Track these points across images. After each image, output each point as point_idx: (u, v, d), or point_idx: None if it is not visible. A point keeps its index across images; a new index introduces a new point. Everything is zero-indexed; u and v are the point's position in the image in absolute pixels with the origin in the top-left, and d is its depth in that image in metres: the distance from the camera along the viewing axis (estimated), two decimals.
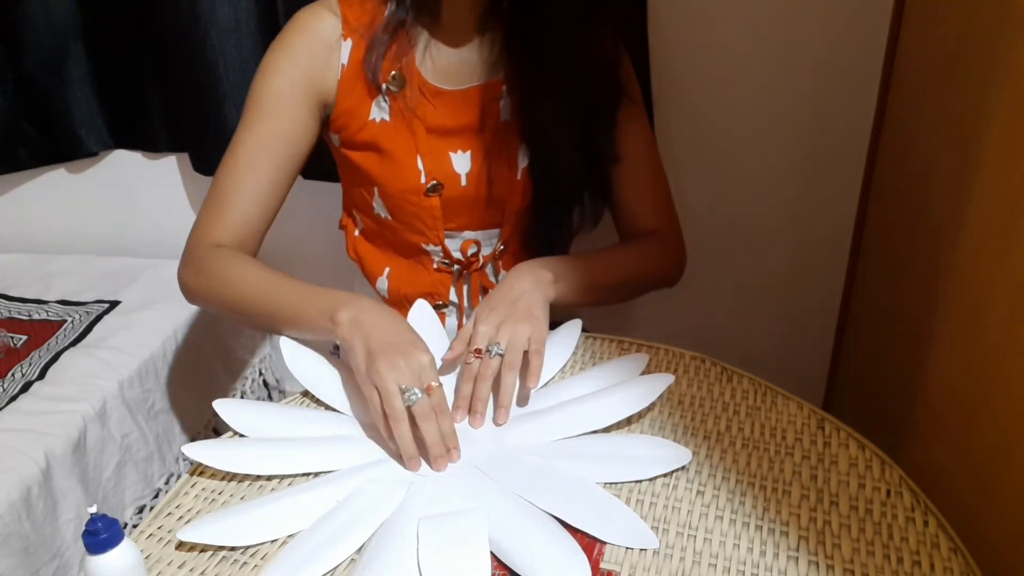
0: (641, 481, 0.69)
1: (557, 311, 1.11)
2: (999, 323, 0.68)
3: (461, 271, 0.98)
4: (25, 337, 1.24)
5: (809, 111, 1.19)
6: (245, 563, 0.63)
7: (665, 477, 0.70)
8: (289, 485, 0.71)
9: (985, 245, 0.73)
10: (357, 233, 1.02)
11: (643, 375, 0.81)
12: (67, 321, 1.28)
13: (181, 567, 0.64)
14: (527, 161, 0.92)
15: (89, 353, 1.19)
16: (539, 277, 0.84)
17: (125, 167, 1.48)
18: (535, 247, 0.98)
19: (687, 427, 0.76)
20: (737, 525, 0.65)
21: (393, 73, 0.88)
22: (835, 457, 0.71)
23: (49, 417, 1.05)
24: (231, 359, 1.44)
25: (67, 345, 1.21)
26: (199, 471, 0.73)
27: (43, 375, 1.14)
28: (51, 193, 1.52)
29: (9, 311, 1.32)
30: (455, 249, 0.96)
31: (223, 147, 1.33)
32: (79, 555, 1.02)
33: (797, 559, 0.61)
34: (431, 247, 0.96)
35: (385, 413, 0.71)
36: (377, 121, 0.90)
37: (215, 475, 0.73)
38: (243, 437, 0.76)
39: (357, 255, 1.02)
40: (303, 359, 0.83)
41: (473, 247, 0.96)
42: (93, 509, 0.56)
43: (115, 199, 1.52)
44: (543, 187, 0.93)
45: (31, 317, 1.30)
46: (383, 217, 0.95)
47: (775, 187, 1.26)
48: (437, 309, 0.99)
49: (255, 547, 0.65)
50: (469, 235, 0.96)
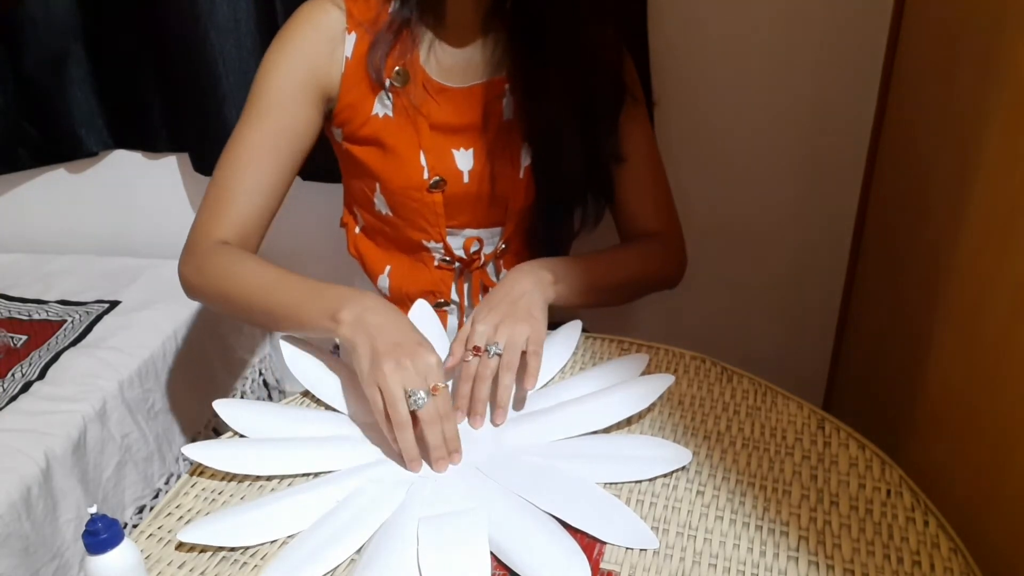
0: (641, 481, 0.69)
1: (557, 312, 1.11)
2: (999, 323, 0.68)
3: (462, 269, 0.98)
4: (25, 337, 1.24)
5: (809, 111, 1.19)
6: (245, 563, 0.63)
7: (665, 477, 0.70)
8: (289, 485, 0.71)
9: (985, 245, 0.73)
10: (358, 231, 1.02)
11: (643, 375, 0.81)
12: (67, 321, 1.28)
13: (181, 567, 0.64)
14: (530, 160, 0.92)
15: (89, 353, 1.19)
16: (539, 278, 0.84)
17: (125, 167, 1.48)
18: (537, 246, 0.98)
19: (687, 427, 0.76)
20: (737, 525, 0.65)
21: (397, 69, 0.88)
22: (835, 457, 0.71)
23: (49, 417, 1.05)
24: (231, 359, 1.43)
25: (67, 345, 1.21)
26: (199, 471, 0.73)
27: (43, 375, 1.14)
28: (51, 193, 1.52)
29: (9, 311, 1.32)
30: (457, 247, 0.96)
31: (222, 147, 1.33)
32: (79, 555, 1.02)
33: (797, 559, 0.61)
34: (432, 244, 0.95)
35: (388, 416, 0.71)
36: (380, 116, 0.90)
37: (215, 475, 0.73)
38: (243, 437, 0.76)
39: (358, 252, 1.02)
40: (303, 359, 0.83)
41: (475, 245, 0.96)
42: (93, 509, 0.56)
43: (115, 199, 1.52)
44: (545, 186, 0.93)
45: (31, 317, 1.30)
46: (384, 214, 0.95)
47: (775, 187, 1.26)
48: (438, 307, 0.99)
49: (255, 547, 0.65)
50: (471, 233, 0.96)
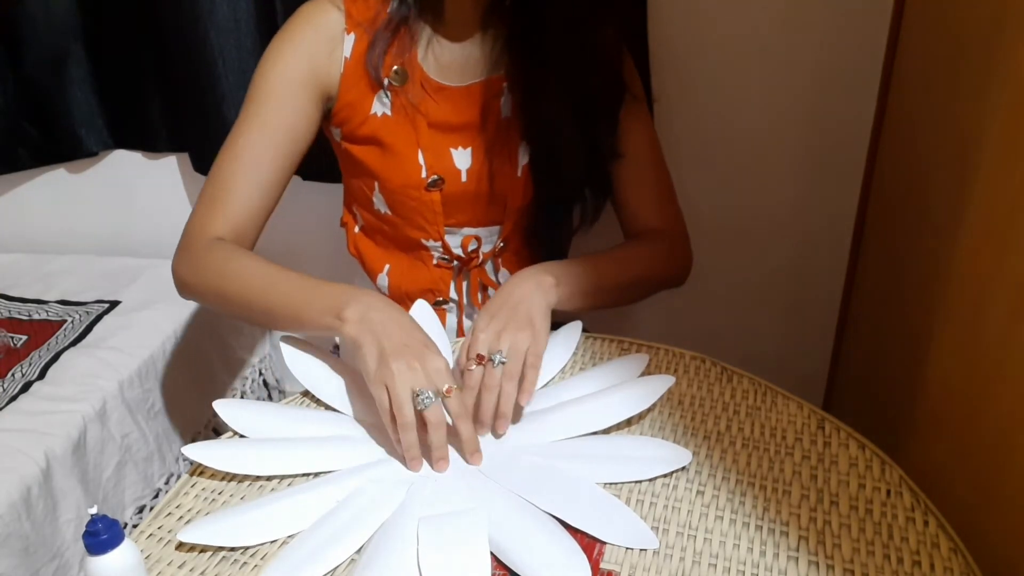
0: (641, 481, 0.69)
1: (558, 313, 1.11)
2: (999, 323, 0.68)
3: (461, 268, 0.98)
4: (25, 337, 1.24)
5: (809, 111, 1.19)
6: (245, 563, 0.63)
7: (665, 477, 0.70)
8: (289, 485, 0.71)
9: (985, 245, 0.73)
10: (357, 230, 1.02)
11: (644, 376, 0.81)
12: (67, 321, 1.28)
13: (181, 567, 0.64)
14: (528, 158, 0.92)
15: (89, 353, 1.19)
16: (540, 282, 0.83)
17: (125, 167, 1.48)
18: (536, 244, 0.98)
19: (687, 427, 0.76)
20: (737, 525, 0.65)
21: (395, 68, 0.88)
22: (835, 457, 0.71)
23: (49, 417, 1.05)
24: (231, 359, 1.43)
25: (67, 345, 1.21)
26: (199, 471, 0.73)
27: (43, 375, 1.14)
28: (51, 193, 1.52)
29: (9, 311, 1.32)
30: (455, 245, 0.96)
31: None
32: (79, 555, 1.02)
33: (797, 559, 0.61)
34: (431, 243, 0.96)
35: (394, 417, 0.70)
36: (379, 115, 0.90)
37: (215, 475, 0.73)
38: (243, 437, 0.76)
39: (357, 251, 1.02)
40: (303, 359, 0.83)
41: (473, 243, 0.96)
42: (93, 510, 0.56)
43: (115, 199, 1.52)
44: (544, 184, 0.93)
45: (31, 317, 1.30)
46: (383, 212, 0.95)
47: (775, 187, 1.26)
48: (437, 306, 0.99)
49: (255, 547, 0.65)
50: (469, 231, 0.96)
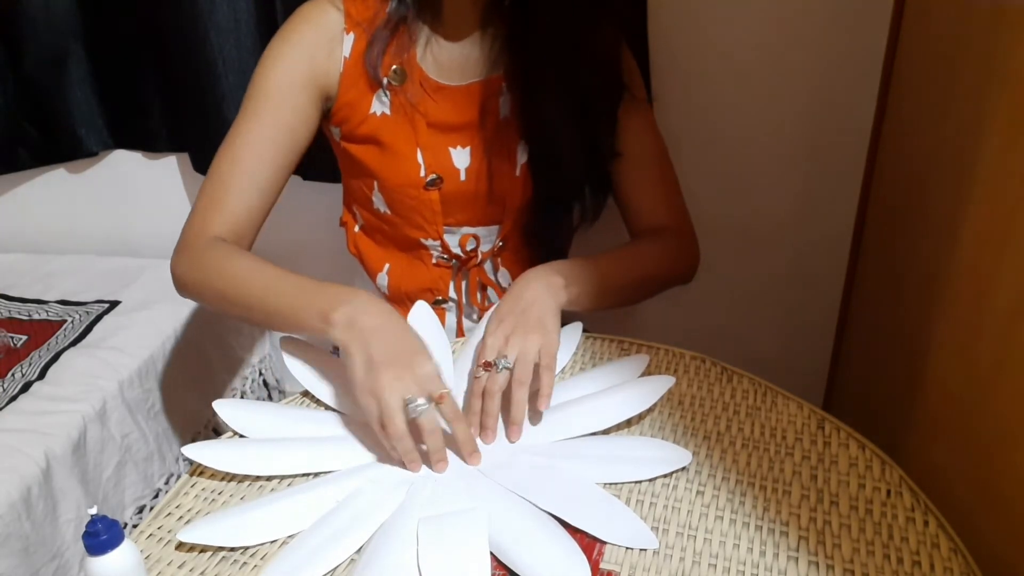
0: (641, 481, 0.69)
1: (561, 313, 1.11)
2: (999, 323, 0.68)
3: (460, 267, 0.98)
4: (25, 337, 1.24)
5: (809, 111, 1.19)
6: (245, 563, 0.63)
7: (665, 477, 0.70)
8: (289, 485, 0.71)
9: (985, 245, 0.73)
10: (357, 229, 1.02)
11: (645, 376, 0.81)
12: (67, 321, 1.28)
13: (181, 567, 0.64)
14: (526, 157, 0.92)
15: (89, 353, 1.19)
16: (549, 283, 0.82)
17: (125, 167, 1.48)
18: (535, 244, 0.98)
19: (687, 427, 0.76)
20: (737, 525, 0.65)
21: (394, 67, 0.89)
22: (835, 457, 0.71)
23: (49, 417, 1.05)
24: (231, 359, 1.43)
25: (67, 345, 1.21)
26: (199, 471, 0.73)
27: (43, 375, 1.14)
28: (51, 193, 1.52)
29: (9, 311, 1.32)
30: (454, 244, 0.96)
31: None
32: (79, 555, 1.02)
33: (797, 559, 0.61)
34: (430, 242, 0.96)
35: (384, 426, 0.69)
36: (378, 115, 0.90)
37: (215, 475, 0.73)
38: (243, 437, 0.76)
39: (357, 251, 1.02)
40: (303, 359, 0.83)
41: (472, 242, 0.96)
42: (93, 510, 0.56)
43: (115, 199, 1.52)
44: (543, 183, 0.93)
45: (31, 317, 1.30)
46: (383, 212, 0.95)
47: (775, 187, 1.26)
48: (436, 305, 0.99)
49: (255, 547, 0.65)
50: (468, 230, 0.96)
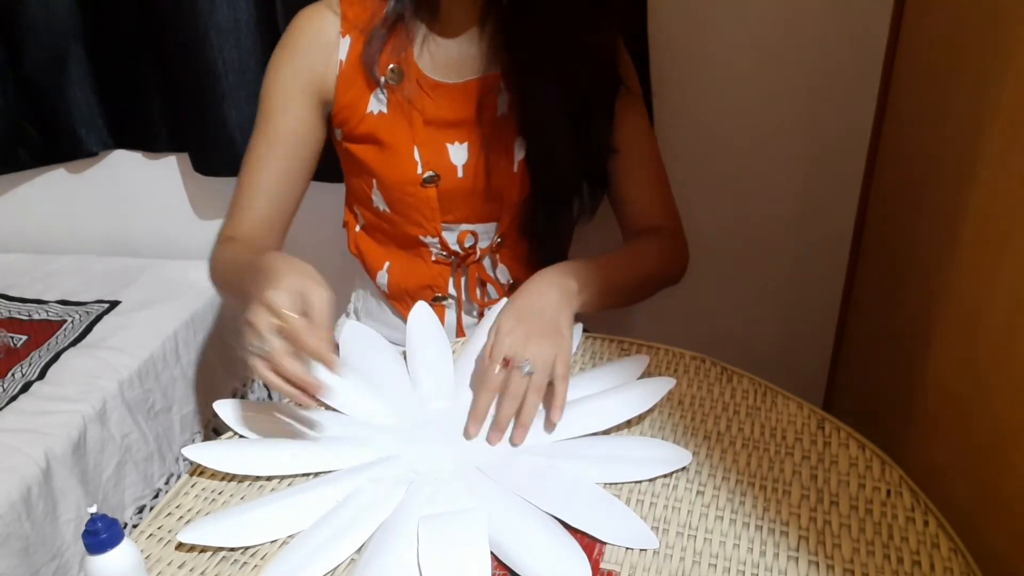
0: (641, 482, 0.69)
1: None
2: (999, 323, 0.68)
3: (458, 264, 0.98)
4: (25, 337, 1.24)
5: (809, 111, 1.19)
6: (245, 563, 0.63)
7: (665, 477, 0.70)
8: (289, 485, 0.71)
9: (985, 245, 0.73)
10: (358, 229, 1.03)
11: (645, 378, 0.81)
12: (67, 321, 1.28)
13: (181, 567, 0.64)
14: (524, 154, 0.92)
15: (89, 353, 1.19)
16: (565, 289, 0.81)
17: (125, 167, 1.48)
18: (534, 240, 0.99)
19: (687, 427, 0.76)
20: (737, 525, 0.65)
21: (392, 66, 0.89)
22: (835, 457, 0.71)
23: (49, 417, 1.05)
24: (231, 359, 1.43)
25: (67, 345, 1.21)
26: (199, 471, 0.73)
27: (43, 375, 1.14)
28: (51, 193, 1.52)
29: (9, 311, 1.32)
30: (453, 241, 0.96)
31: (223, 147, 1.33)
32: (79, 555, 1.02)
33: (797, 559, 0.61)
34: (429, 239, 0.96)
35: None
36: (375, 113, 0.91)
37: (215, 475, 0.73)
38: (243, 437, 0.76)
39: (358, 251, 1.03)
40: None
41: (470, 239, 0.96)
42: (93, 509, 0.56)
43: (115, 199, 1.52)
44: (541, 180, 0.93)
45: (31, 317, 1.30)
46: (382, 210, 0.95)
47: (775, 187, 1.26)
48: (436, 302, 0.99)
49: (255, 547, 0.65)
50: (466, 227, 0.96)
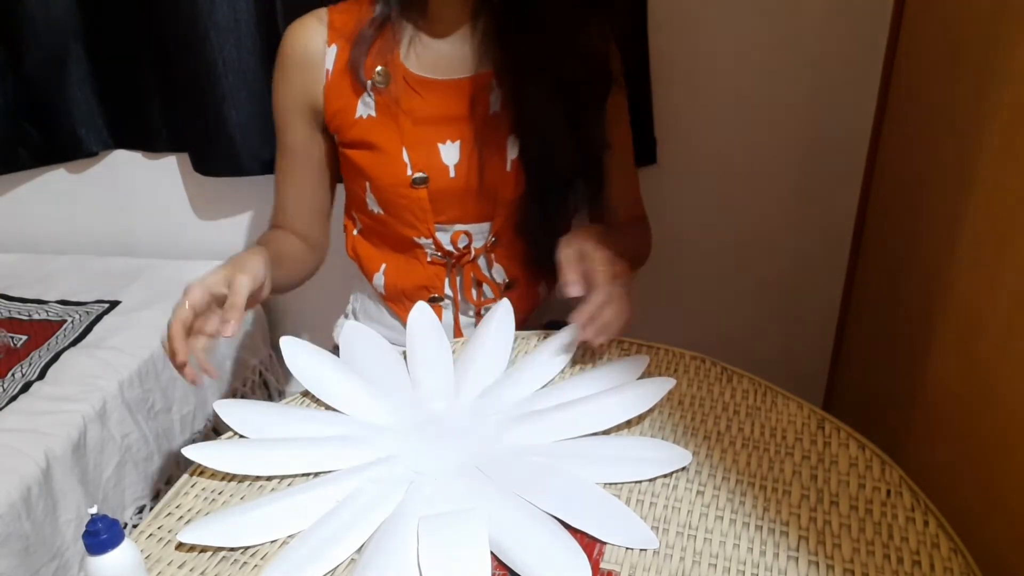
0: (641, 482, 0.69)
1: (558, 310, 1.11)
2: (999, 323, 0.68)
3: (453, 264, 0.98)
4: (25, 337, 1.24)
5: (809, 111, 1.19)
6: (245, 563, 0.63)
7: (665, 477, 0.70)
8: (289, 485, 0.71)
9: (985, 245, 0.73)
10: (356, 232, 1.03)
11: (645, 378, 0.81)
12: (67, 321, 1.28)
13: (181, 567, 0.64)
14: (517, 152, 0.92)
15: (89, 353, 1.19)
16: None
17: (125, 167, 1.47)
18: (529, 239, 0.99)
19: (687, 427, 0.76)
20: (737, 525, 0.65)
21: (378, 69, 0.90)
22: (835, 457, 0.71)
23: (49, 417, 1.05)
24: (231, 359, 1.43)
25: (67, 345, 1.21)
26: (199, 471, 0.73)
27: (43, 375, 1.14)
28: (51, 193, 1.52)
29: (9, 311, 1.32)
30: (446, 242, 0.97)
31: (223, 147, 1.33)
32: (79, 555, 1.02)
33: (797, 559, 0.61)
34: (423, 240, 0.96)
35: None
36: (365, 118, 0.92)
37: (215, 475, 0.73)
38: (243, 437, 0.76)
39: (356, 254, 1.03)
40: (303, 359, 0.83)
41: (463, 239, 0.96)
42: (93, 510, 0.56)
43: (115, 199, 1.52)
44: (534, 178, 0.93)
45: (31, 317, 1.30)
46: (376, 212, 0.96)
47: (775, 187, 1.26)
48: (433, 302, 0.99)
49: (255, 547, 0.65)
50: (460, 227, 0.96)
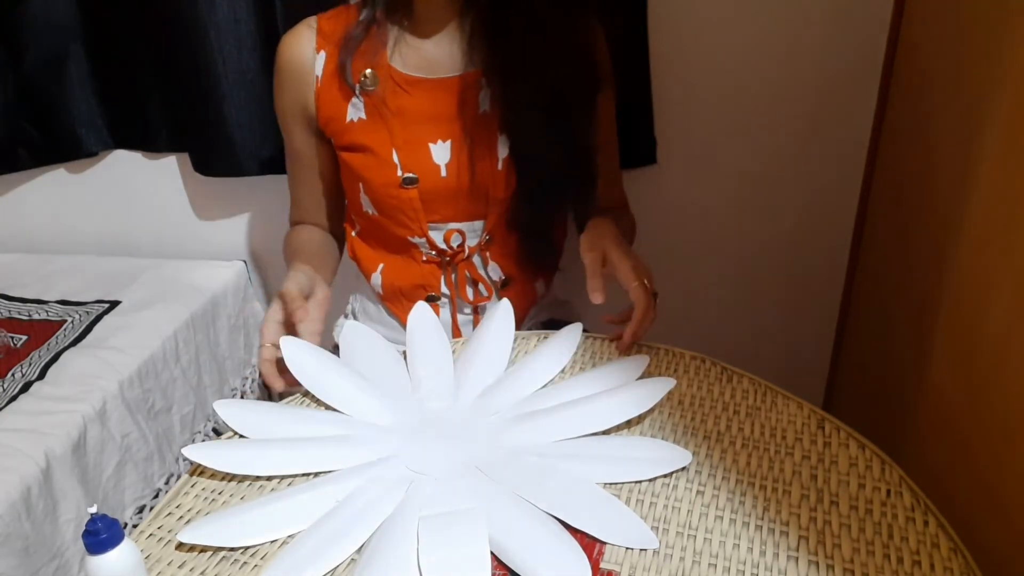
0: (641, 482, 0.69)
1: (556, 309, 1.11)
2: (999, 323, 0.68)
3: (448, 262, 0.98)
4: (25, 337, 1.24)
5: (809, 111, 1.19)
6: (245, 563, 0.63)
7: (665, 477, 0.70)
8: (289, 485, 0.71)
9: (985, 245, 0.73)
10: (354, 234, 1.04)
11: (645, 378, 0.81)
12: (67, 321, 1.28)
13: (181, 567, 0.64)
14: (508, 150, 0.92)
15: (89, 353, 1.19)
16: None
17: (125, 167, 1.47)
18: (523, 237, 0.99)
19: (687, 427, 0.76)
20: (737, 525, 0.65)
21: (366, 72, 0.91)
22: (835, 457, 0.71)
23: (49, 417, 1.05)
24: (231, 359, 1.43)
25: (67, 345, 1.21)
26: (199, 471, 0.73)
27: (43, 375, 1.14)
28: (51, 193, 1.52)
29: (9, 311, 1.32)
30: (440, 240, 0.97)
31: (222, 147, 1.33)
32: (79, 555, 1.02)
33: (797, 559, 0.61)
34: (417, 239, 0.97)
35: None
36: (356, 121, 0.93)
37: (215, 475, 0.73)
38: (243, 437, 0.76)
39: (354, 255, 1.04)
40: (303, 359, 0.83)
41: (457, 237, 0.97)
42: (93, 509, 0.56)
43: (115, 199, 1.52)
44: (525, 176, 0.94)
45: (31, 317, 1.30)
46: (371, 214, 0.97)
47: (775, 187, 1.26)
48: (430, 301, 1.00)
49: (255, 547, 0.65)
50: (453, 226, 0.97)
